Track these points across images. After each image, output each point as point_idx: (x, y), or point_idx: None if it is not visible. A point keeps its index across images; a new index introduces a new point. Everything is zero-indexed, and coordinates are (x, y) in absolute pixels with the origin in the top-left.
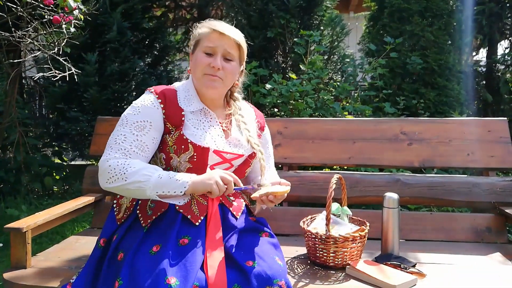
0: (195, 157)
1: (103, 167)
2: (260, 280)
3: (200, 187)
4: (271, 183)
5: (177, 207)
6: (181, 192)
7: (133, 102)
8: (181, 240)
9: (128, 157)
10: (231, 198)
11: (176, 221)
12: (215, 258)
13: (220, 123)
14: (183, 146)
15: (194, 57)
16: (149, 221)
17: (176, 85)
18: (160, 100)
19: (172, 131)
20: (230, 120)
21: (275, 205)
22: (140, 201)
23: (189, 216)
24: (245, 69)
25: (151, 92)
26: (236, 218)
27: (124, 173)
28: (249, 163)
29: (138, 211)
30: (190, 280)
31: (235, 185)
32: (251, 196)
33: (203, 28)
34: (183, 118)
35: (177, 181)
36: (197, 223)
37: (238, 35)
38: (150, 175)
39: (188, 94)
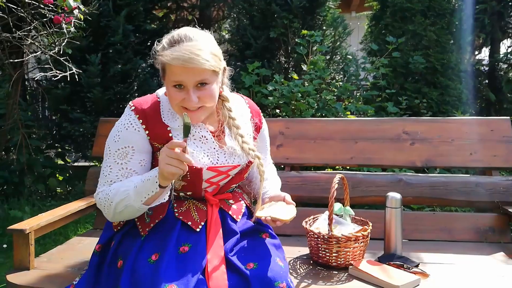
0: (188, 175)
1: (97, 202)
2: (261, 284)
3: (165, 175)
4: (273, 196)
5: (176, 214)
6: (157, 188)
7: (116, 122)
8: (181, 248)
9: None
10: (231, 201)
11: (175, 228)
12: (216, 266)
13: (212, 132)
14: None
15: (166, 86)
16: (147, 229)
17: (159, 93)
18: (141, 121)
19: (161, 148)
20: (222, 128)
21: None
22: None
23: (189, 223)
24: (247, 69)
25: (132, 110)
26: (236, 222)
27: (108, 199)
28: (246, 170)
29: (136, 219)
30: None
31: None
32: (255, 215)
33: (164, 55)
34: (170, 134)
35: (148, 181)
36: (198, 229)
37: (203, 60)
38: (128, 189)
39: (171, 107)
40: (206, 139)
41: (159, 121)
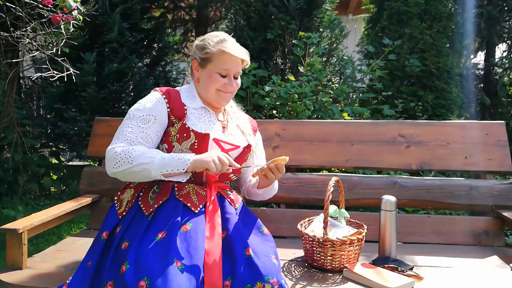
0: (196, 144)
1: (109, 154)
2: (252, 275)
3: (199, 164)
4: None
5: (177, 196)
6: (184, 169)
7: (140, 100)
8: (183, 226)
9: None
10: (228, 192)
11: (178, 209)
12: (214, 246)
13: (220, 121)
14: (185, 134)
15: (206, 73)
16: (151, 209)
17: (178, 88)
18: (164, 96)
19: (176, 123)
20: (227, 120)
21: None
22: (142, 193)
23: (188, 204)
24: (244, 70)
25: (156, 90)
26: (235, 208)
27: (130, 157)
28: (245, 156)
29: (140, 203)
30: (195, 267)
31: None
32: (252, 175)
33: (215, 47)
34: (185, 112)
35: (179, 160)
36: (196, 211)
37: (245, 54)
38: (154, 157)
39: (190, 94)
40: (213, 122)
41: (178, 100)
